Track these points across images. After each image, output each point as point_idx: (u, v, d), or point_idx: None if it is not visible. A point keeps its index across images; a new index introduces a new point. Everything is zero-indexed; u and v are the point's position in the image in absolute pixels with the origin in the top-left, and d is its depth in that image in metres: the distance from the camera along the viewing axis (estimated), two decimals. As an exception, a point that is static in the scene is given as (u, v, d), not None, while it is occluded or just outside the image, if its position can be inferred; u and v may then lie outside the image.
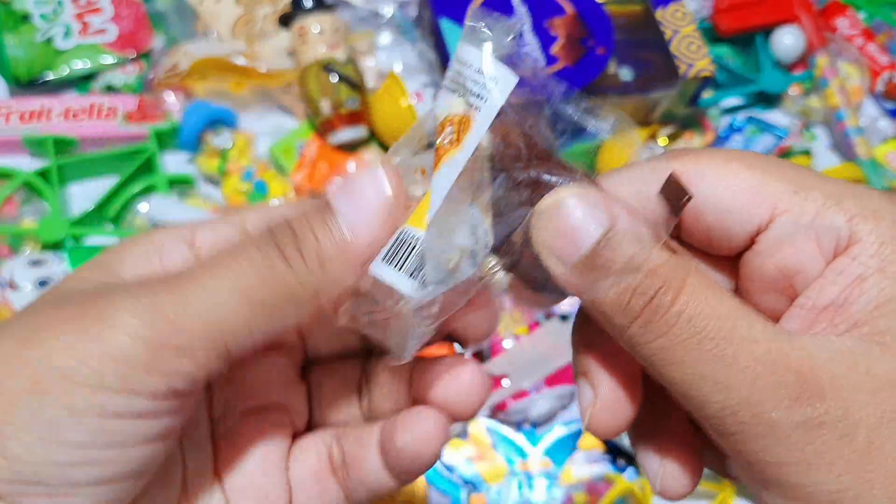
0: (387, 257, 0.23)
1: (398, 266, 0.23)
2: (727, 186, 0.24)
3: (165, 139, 0.75)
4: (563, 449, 0.64)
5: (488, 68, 0.23)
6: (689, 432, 0.26)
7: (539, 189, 0.23)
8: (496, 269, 0.24)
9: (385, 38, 0.79)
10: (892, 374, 0.21)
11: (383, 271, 0.23)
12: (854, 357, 0.21)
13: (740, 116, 0.82)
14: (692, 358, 0.21)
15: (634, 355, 0.22)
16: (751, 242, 0.24)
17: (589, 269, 0.22)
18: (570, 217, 0.22)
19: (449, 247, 0.23)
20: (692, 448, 0.26)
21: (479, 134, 0.23)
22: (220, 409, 0.28)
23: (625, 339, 0.22)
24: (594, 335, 0.24)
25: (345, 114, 0.73)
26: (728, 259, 0.26)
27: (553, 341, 0.64)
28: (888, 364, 0.21)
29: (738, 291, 0.26)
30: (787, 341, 0.21)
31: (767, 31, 0.83)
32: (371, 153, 0.77)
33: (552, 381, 0.64)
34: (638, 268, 0.21)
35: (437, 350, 0.28)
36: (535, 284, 0.24)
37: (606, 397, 0.25)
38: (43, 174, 0.71)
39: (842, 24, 0.87)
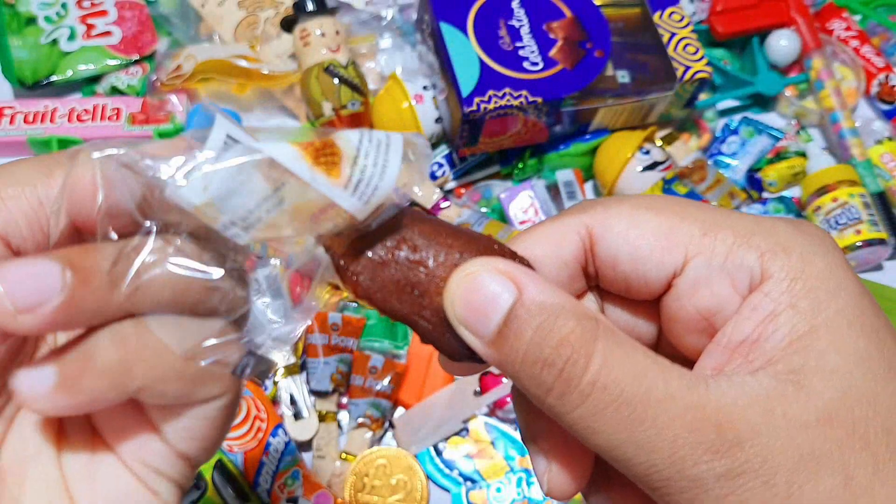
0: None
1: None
2: (637, 235, 0.24)
3: (169, 141, 0.76)
4: (562, 446, 0.65)
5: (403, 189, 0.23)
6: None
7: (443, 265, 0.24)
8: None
9: (386, 41, 0.80)
10: (806, 415, 0.21)
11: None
12: (770, 400, 0.21)
13: (736, 118, 0.83)
14: (612, 425, 0.21)
15: (558, 422, 0.23)
16: (668, 287, 0.25)
17: (502, 342, 0.22)
18: (480, 290, 0.22)
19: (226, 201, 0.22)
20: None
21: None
22: None
23: (545, 409, 0.22)
24: None
25: (346, 116, 0.73)
26: (650, 303, 0.26)
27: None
28: (802, 404, 0.21)
29: (663, 334, 0.27)
30: (705, 392, 0.21)
31: (763, 34, 0.84)
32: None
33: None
34: (544, 338, 0.21)
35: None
36: (455, 356, 0.25)
37: (559, 462, 0.25)
38: (48, 175, 0.72)
39: (837, 26, 0.88)
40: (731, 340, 0.23)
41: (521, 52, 0.71)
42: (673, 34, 0.75)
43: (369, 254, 0.24)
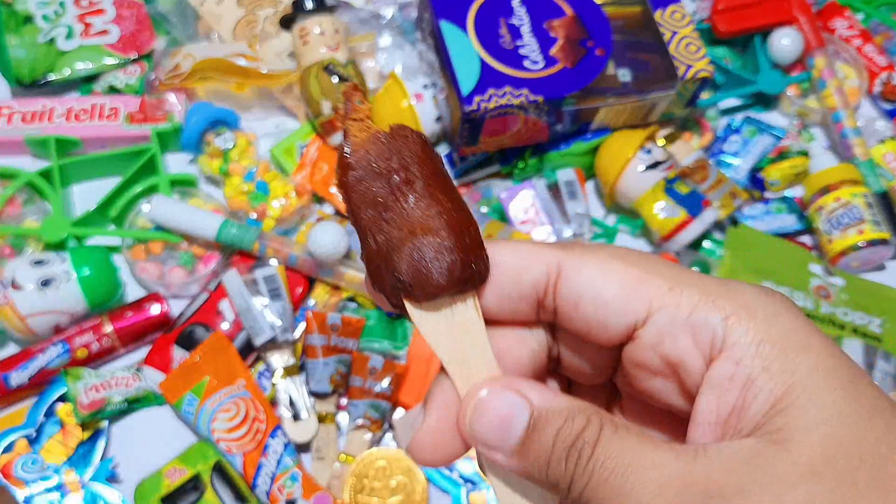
0: None
1: None
2: (605, 281, 0.25)
3: (167, 140, 0.76)
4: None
5: None
6: None
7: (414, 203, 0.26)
8: None
9: (385, 39, 0.79)
10: (792, 472, 0.22)
11: None
12: (754, 460, 0.22)
13: (738, 117, 0.83)
14: (608, 494, 0.23)
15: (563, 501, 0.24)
16: (628, 337, 0.26)
17: (525, 451, 0.24)
18: (497, 410, 0.24)
19: None
20: None
21: None
22: None
23: (557, 492, 0.24)
24: None
25: (345, 115, 0.73)
26: (604, 349, 0.27)
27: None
28: (787, 462, 0.22)
29: (623, 376, 0.28)
30: (692, 461, 0.22)
31: (765, 32, 0.84)
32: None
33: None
34: (564, 439, 0.23)
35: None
36: (383, 288, 0.26)
37: (430, 426, 0.26)
38: (45, 174, 0.72)
39: (839, 25, 0.88)
40: (721, 415, 0.24)
41: (521, 51, 0.70)
42: (674, 32, 0.74)
43: (372, 158, 0.26)
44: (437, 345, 0.27)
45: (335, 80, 0.73)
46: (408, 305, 0.26)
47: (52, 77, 0.77)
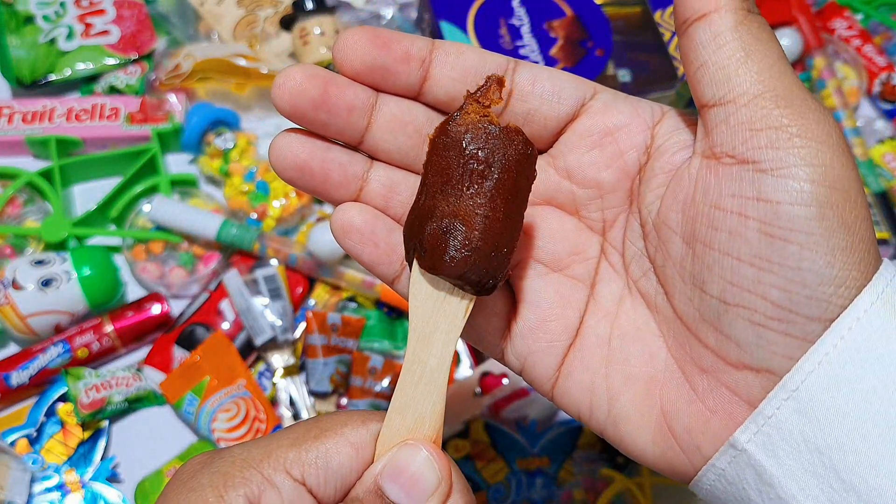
0: None
1: None
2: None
3: (168, 140, 0.76)
4: (562, 447, 0.65)
5: None
6: None
7: None
8: None
9: (385, 39, 0.79)
10: None
11: None
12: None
13: (738, 117, 0.83)
14: None
15: None
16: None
17: None
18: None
19: None
20: None
21: None
22: None
23: None
24: None
25: (346, 115, 0.73)
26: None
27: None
28: None
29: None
30: None
31: (765, 32, 0.84)
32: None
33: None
34: None
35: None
36: (406, 238, 0.29)
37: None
38: (46, 174, 0.72)
39: (839, 25, 0.88)
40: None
41: (521, 51, 0.70)
42: (674, 33, 0.74)
43: (466, 139, 0.28)
44: (415, 308, 0.29)
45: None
46: (415, 264, 0.29)
47: (53, 77, 0.77)
